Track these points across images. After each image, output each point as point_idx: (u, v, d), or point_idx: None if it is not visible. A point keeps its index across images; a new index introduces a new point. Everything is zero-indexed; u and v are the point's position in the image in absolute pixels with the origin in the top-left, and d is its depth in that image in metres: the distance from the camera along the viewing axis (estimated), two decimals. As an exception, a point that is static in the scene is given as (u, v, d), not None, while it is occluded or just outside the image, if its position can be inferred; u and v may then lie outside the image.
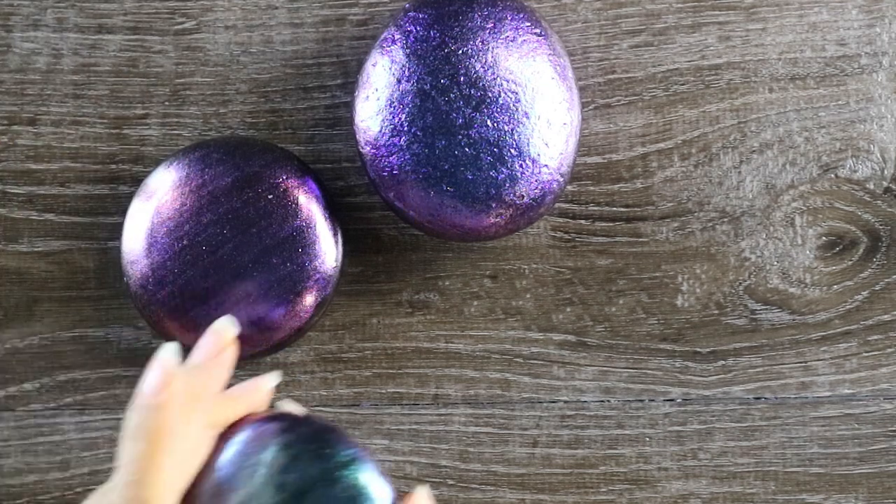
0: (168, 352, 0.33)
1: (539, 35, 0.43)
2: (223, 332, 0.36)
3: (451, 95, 0.42)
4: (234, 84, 0.47)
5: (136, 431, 0.31)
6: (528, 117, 0.42)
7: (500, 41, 0.42)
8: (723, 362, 0.47)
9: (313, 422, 0.33)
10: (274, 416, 0.33)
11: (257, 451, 0.32)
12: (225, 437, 0.33)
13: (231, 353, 0.36)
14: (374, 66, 0.43)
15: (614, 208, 0.47)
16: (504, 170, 0.42)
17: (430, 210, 0.43)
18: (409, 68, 0.42)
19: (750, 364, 0.47)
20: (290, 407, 0.35)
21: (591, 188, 0.47)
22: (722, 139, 0.47)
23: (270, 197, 0.44)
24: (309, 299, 0.44)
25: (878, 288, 0.47)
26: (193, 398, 0.32)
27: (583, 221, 0.47)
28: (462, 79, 0.42)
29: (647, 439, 0.47)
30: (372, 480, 0.31)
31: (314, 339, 0.47)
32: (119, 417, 0.47)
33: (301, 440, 0.32)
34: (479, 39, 0.42)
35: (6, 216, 0.47)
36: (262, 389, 0.35)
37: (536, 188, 0.42)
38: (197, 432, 0.32)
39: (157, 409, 0.31)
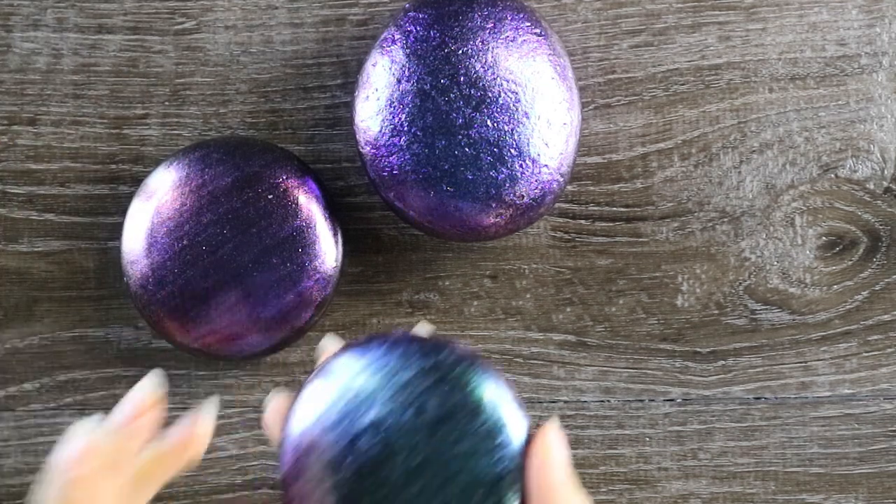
0: (88, 422, 0.32)
1: (539, 35, 0.43)
2: (145, 395, 0.35)
3: (451, 95, 0.42)
4: (234, 84, 0.47)
5: None
6: (528, 117, 0.42)
7: (500, 41, 0.42)
8: (723, 362, 0.47)
9: (457, 349, 0.32)
10: (415, 338, 0.32)
11: (399, 370, 0.31)
12: (357, 345, 0.32)
13: (154, 416, 0.34)
14: (374, 66, 0.43)
15: (614, 208, 0.47)
16: (504, 170, 0.42)
17: (430, 210, 0.43)
18: (409, 68, 0.42)
19: (750, 364, 0.47)
20: (425, 329, 0.34)
21: (591, 188, 0.47)
22: (722, 139, 0.47)
23: (270, 197, 0.44)
24: (309, 299, 0.44)
25: (878, 288, 0.47)
26: (112, 466, 0.32)
27: (583, 221, 0.47)
28: (462, 79, 0.42)
29: (647, 439, 0.47)
30: (511, 416, 0.31)
31: (314, 339, 0.47)
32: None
33: (446, 366, 0.31)
34: (479, 39, 0.42)
35: (6, 216, 0.47)
36: (195, 442, 0.34)
37: (536, 188, 0.42)
38: (116, 495, 0.31)
39: (73, 483, 0.31)
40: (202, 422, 0.35)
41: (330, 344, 0.34)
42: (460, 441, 0.31)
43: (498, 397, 0.31)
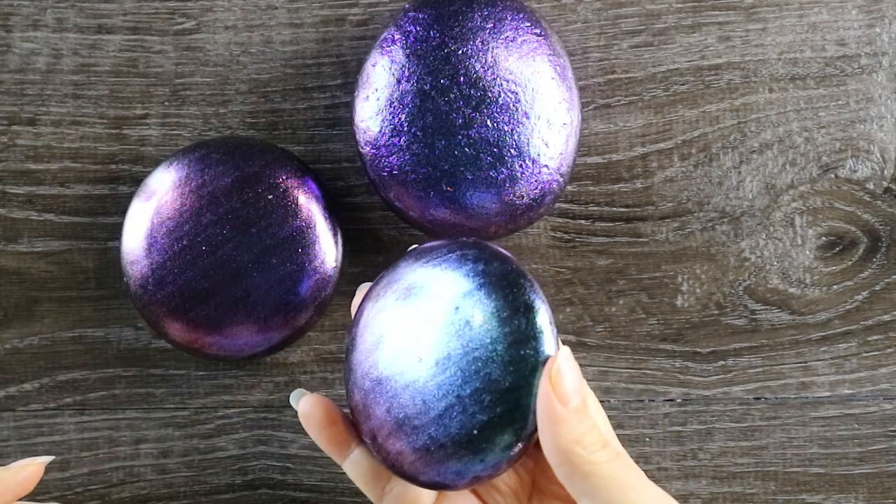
0: None
1: (539, 35, 0.43)
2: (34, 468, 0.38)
3: (451, 95, 0.42)
4: (234, 84, 0.47)
5: None
6: (528, 117, 0.42)
7: (500, 41, 0.42)
8: (723, 362, 0.47)
9: (508, 260, 0.35)
10: (472, 244, 0.36)
11: (449, 268, 0.35)
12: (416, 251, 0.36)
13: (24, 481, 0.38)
14: (374, 66, 0.43)
15: (614, 208, 0.47)
16: (504, 170, 0.42)
17: (430, 210, 0.43)
18: (409, 68, 0.42)
19: (750, 364, 0.47)
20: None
21: (591, 188, 0.47)
22: (722, 139, 0.47)
23: (270, 197, 0.44)
24: (309, 299, 0.44)
25: (877, 288, 0.47)
26: None
27: (583, 221, 0.47)
28: (462, 79, 0.42)
29: (647, 439, 0.47)
30: (545, 334, 0.34)
31: (314, 339, 0.47)
32: (119, 417, 0.47)
33: (497, 273, 0.34)
34: (479, 39, 0.42)
35: (6, 216, 0.47)
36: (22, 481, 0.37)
37: (536, 188, 0.42)
38: None
39: None
40: (36, 463, 0.38)
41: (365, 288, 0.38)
42: (487, 344, 0.33)
43: (539, 312, 0.34)
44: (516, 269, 0.34)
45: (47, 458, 0.38)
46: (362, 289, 0.38)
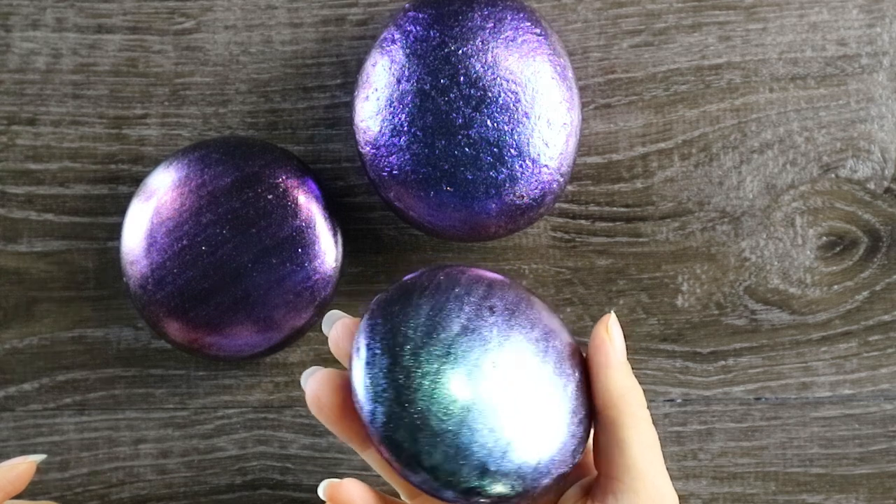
0: None
1: (539, 35, 0.43)
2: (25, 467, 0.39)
3: (451, 95, 0.42)
4: (234, 84, 0.47)
5: None
6: (528, 117, 0.42)
7: (500, 41, 0.42)
8: (723, 362, 0.47)
9: (510, 284, 0.36)
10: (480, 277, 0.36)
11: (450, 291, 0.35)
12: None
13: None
14: (373, 65, 0.43)
15: (614, 208, 0.47)
16: (504, 170, 0.42)
17: (430, 210, 0.42)
18: (409, 68, 0.42)
19: (750, 364, 0.47)
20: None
21: (591, 188, 0.47)
22: (722, 139, 0.47)
23: (270, 197, 0.44)
24: (309, 299, 0.44)
25: (878, 288, 0.47)
26: None
27: (583, 221, 0.47)
28: (462, 79, 0.42)
29: (648, 439, 0.47)
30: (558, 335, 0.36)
31: (314, 339, 0.47)
32: (119, 418, 0.47)
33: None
34: (479, 39, 0.42)
35: (6, 216, 0.47)
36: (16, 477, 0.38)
37: (536, 188, 0.42)
38: None
39: None
40: (28, 461, 0.39)
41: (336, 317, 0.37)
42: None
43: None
44: (518, 289, 0.36)
45: (40, 457, 0.38)
46: (337, 323, 0.37)
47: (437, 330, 0.33)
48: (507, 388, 0.33)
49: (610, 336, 0.35)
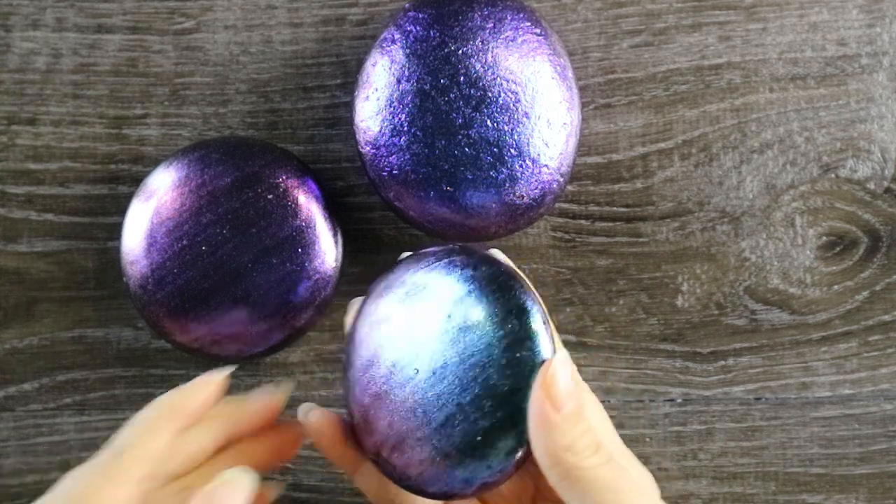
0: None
1: (539, 35, 0.43)
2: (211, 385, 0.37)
3: (451, 95, 0.42)
4: (234, 84, 0.47)
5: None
6: (528, 117, 0.42)
7: (500, 41, 0.42)
8: (723, 362, 0.47)
9: (497, 263, 0.34)
10: (460, 250, 0.35)
11: (439, 277, 0.34)
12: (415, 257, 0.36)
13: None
14: (373, 65, 0.43)
15: (614, 208, 0.47)
16: (504, 170, 0.42)
17: (430, 210, 0.42)
18: (409, 68, 0.42)
19: (750, 364, 0.47)
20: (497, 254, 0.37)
21: (591, 188, 0.47)
22: (722, 139, 0.47)
23: (270, 197, 0.44)
24: (309, 299, 0.44)
25: (878, 288, 0.47)
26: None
27: (583, 221, 0.47)
28: (462, 79, 0.42)
29: (648, 439, 0.47)
30: (538, 335, 0.33)
31: (314, 339, 0.47)
32: (119, 417, 0.47)
33: (486, 276, 0.34)
34: (479, 39, 0.42)
35: (6, 216, 0.47)
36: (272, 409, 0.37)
37: (536, 188, 0.42)
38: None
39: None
40: (278, 391, 0.38)
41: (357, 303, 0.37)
42: (482, 350, 0.33)
43: (532, 313, 0.33)
44: (505, 272, 0.34)
45: (288, 385, 0.39)
46: (354, 304, 0.38)
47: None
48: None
49: (550, 386, 0.32)
